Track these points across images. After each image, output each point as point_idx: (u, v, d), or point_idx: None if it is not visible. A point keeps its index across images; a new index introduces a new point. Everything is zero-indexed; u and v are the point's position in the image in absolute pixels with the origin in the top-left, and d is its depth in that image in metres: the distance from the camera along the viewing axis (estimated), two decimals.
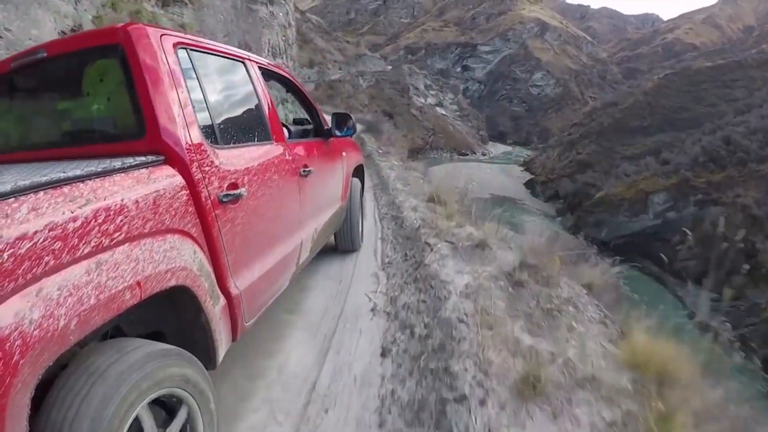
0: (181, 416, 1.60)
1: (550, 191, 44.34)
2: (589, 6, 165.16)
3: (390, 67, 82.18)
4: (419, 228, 5.38)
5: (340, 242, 4.68)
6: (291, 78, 3.58)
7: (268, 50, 17.29)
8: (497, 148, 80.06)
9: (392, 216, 6.49)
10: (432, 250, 4.57)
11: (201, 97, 2.09)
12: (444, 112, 74.03)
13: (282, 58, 20.87)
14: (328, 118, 3.90)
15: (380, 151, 15.68)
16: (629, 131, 43.66)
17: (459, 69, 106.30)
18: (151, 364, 1.44)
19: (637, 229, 31.07)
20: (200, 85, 2.11)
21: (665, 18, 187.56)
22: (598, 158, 42.48)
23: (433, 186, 8.28)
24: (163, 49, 1.90)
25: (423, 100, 71.77)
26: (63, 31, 4.83)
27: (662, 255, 22.02)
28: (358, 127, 28.71)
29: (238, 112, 2.58)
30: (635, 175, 34.45)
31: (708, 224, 26.19)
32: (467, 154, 66.84)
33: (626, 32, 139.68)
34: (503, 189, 47.47)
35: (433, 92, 76.25)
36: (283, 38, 22.60)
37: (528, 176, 52.51)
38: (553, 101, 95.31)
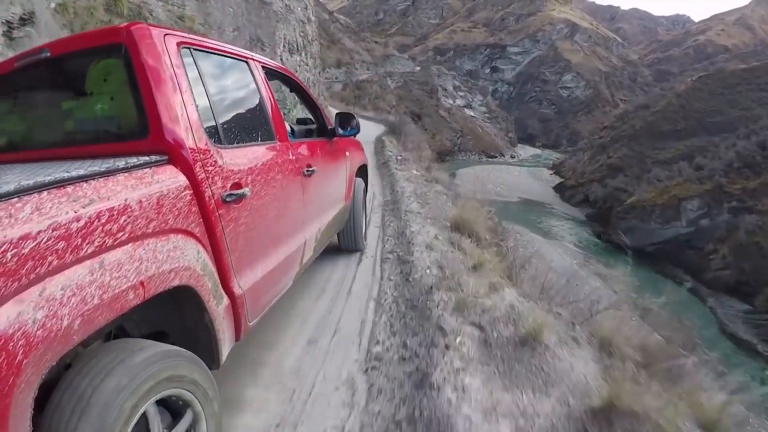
0: (186, 417, 1.60)
1: (579, 196, 43.49)
2: (619, 7, 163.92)
3: (418, 68, 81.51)
4: (432, 288, 3.65)
5: (342, 242, 4.67)
6: (294, 77, 3.58)
7: (284, 46, 16.84)
8: (526, 151, 79.10)
9: (398, 257, 4.68)
10: (448, 346, 2.83)
11: (204, 96, 2.09)
12: (472, 114, 73.40)
13: (300, 54, 20.31)
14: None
15: (399, 158, 14.09)
16: (661, 135, 41.99)
17: (488, 70, 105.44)
18: (155, 366, 1.43)
19: (669, 236, 30.40)
20: (204, 84, 2.11)
21: (696, 19, 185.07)
22: (630, 162, 41.14)
23: (458, 206, 6.96)
24: (166, 49, 1.90)
25: (451, 102, 71.20)
26: (8, 21, 4.08)
27: (694, 264, 21.84)
28: (380, 129, 24.29)
29: (242, 111, 2.58)
30: (667, 180, 33.63)
31: (742, 233, 26.02)
32: (495, 157, 66.29)
33: (657, 34, 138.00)
34: (532, 192, 47.37)
35: (461, 93, 75.59)
36: (302, 34, 21.49)
37: (557, 180, 51.61)
38: (583, 103, 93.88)
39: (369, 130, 26.03)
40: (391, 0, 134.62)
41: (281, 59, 16.46)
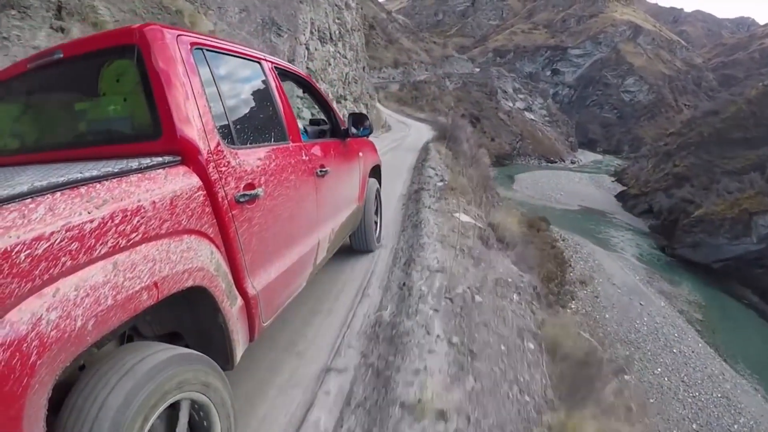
0: (200, 420, 1.60)
1: (642, 205, 41.65)
2: (682, 9, 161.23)
3: (477, 70, 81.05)
4: None
5: (354, 243, 4.66)
6: (307, 78, 3.58)
7: (311, 32, 14.13)
8: (586, 156, 77.83)
9: None
10: None
11: (217, 97, 2.08)
12: (532, 117, 72.70)
13: (335, 45, 17.38)
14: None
15: (441, 184, 8.84)
16: (731, 143, 38.84)
17: (548, 73, 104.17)
18: (170, 369, 1.43)
19: (738, 253, 28.79)
20: (216, 85, 2.11)
21: (761, 21, 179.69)
22: (697, 172, 38.39)
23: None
24: (179, 50, 1.89)
25: (511, 104, 70.66)
26: None
27: (764, 284, 21.68)
28: (432, 133, 21.43)
29: (255, 112, 2.58)
30: (738, 192, 31.69)
31: None
32: (555, 162, 65.52)
33: (721, 37, 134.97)
34: (593, 200, 46.36)
35: (521, 96, 75.04)
36: (338, 20, 18.71)
37: (619, 188, 50.08)
38: (646, 108, 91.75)
39: (419, 134, 23.56)
40: (451, 1, 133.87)
41: (307, 49, 14.21)
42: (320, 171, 3.01)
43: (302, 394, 2.64)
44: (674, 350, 20.18)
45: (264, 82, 2.67)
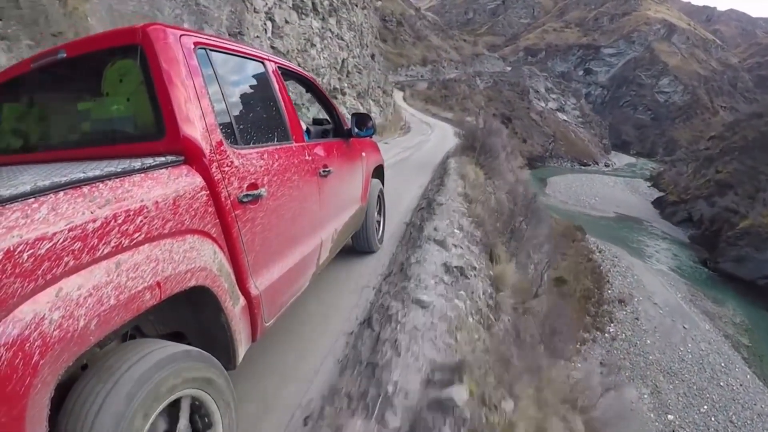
0: (201, 418, 1.60)
1: (681, 213, 39.10)
2: (715, 8, 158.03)
3: (509, 68, 79.93)
4: None
5: (356, 243, 4.65)
6: (310, 78, 3.57)
7: None
8: (620, 159, 75.89)
9: None
10: None
11: (220, 97, 2.08)
12: (565, 118, 71.70)
13: (322, 19, 13.62)
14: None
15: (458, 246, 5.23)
16: None
17: (581, 72, 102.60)
18: (172, 366, 1.43)
19: None
20: (219, 85, 2.11)
21: None
22: (741, 179, 35.66)
23: None
24: (182, 50, 1.89)
25: (543, 104, 69.74)
26: None
27: None
28: (455, 139, 17.77)
29: (258, 112, 2.57)
30: None
31: None
32: (588, 165, 64.09)
33: (755, 36, 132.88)
34: (629, 207, 44.14)
35: (554, 96, 74.03)
36: None
37: (656, 193, 47.92)
38: (681, 109, 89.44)
39: (442, 139, 20.63)
40: None
41: (270, 20, 10.32)
42: (323, 171, 3.01)
43: None
44: (721, 383, 18.63)
45: (267, 81, 2.67)
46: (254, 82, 2.61)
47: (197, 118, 1.84)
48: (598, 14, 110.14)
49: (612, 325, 21.32)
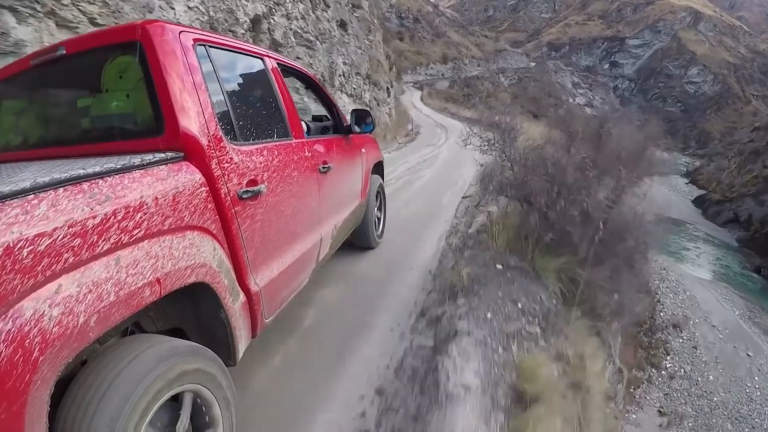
0: (202, 413, 1.60)
1: (727, 213, 34.96)
2: None
3: (533, 64, 78.26)
4: None
5: (355, 238, 4.65)
6: (309, 75, 3.57)
7: None
8: None
9: None
10: None
11: (220, 93, 2.08)
12: (594, 114, 70.79)
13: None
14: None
15: None
16: None
17: (606, 65, 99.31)
18: (171, 361, 1.44)
19: None
20: (219, 81, 2.11)
21: None
22: None
23: None
24: (181, 46, 1.89)
25: (571, 100, 67.50)
26: None
27: None
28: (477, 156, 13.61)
29: (257, 108, 2.57)
30: None
31: None
32: None
33: None
34: (668, 207, 34.83)
35: (581, 91, 72.13)
36: None
37: (695, 191, 43.94)
38: (712, 100, 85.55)
39: (457, 154, 13.42)
40: None
41: None
42: (323, 167, 3.01)
43: None
44: None
45: (266, 78, 2.67)
46: (253, 78, 2.61)
47: (196, 114, 1.84)
48: (620, 5, 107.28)
49: (668, 358, 17.50)
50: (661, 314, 21.05)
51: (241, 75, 2.50)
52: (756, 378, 16.29)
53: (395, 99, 20.94)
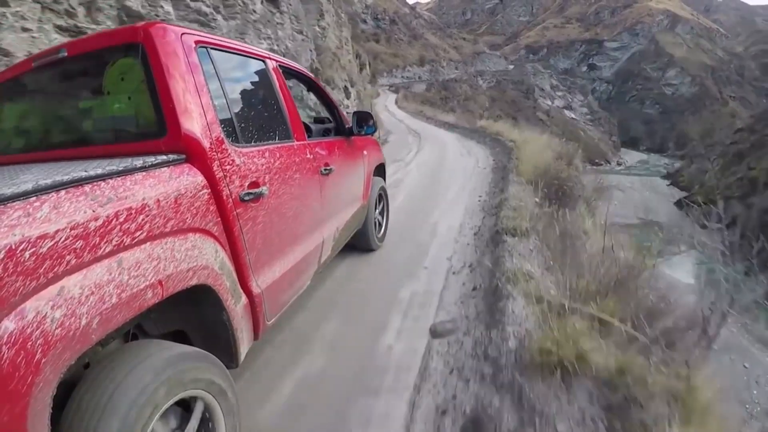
0: (206, 419, 1.60)
1: (712, 216, 32.04)
2: None
3: (512, 67, 77.82)
4: None
5: (357, 241, 4.64)
6: (311, 77, 3.58)
7: None
8: (631, 156, 71.71)
9: None
10: None
11: (222, 95, 2.09)
12: (573, 116, 69.31)
13: None
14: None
15: None
16: None
17: (584, 68, 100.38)
18: (174, 367, 1.43)
19: None
20: (221, 83, 2.11)
21: None
22: None
23: None
24: (183, 48, 1.90)
25: (550, 103, 67.36)
26: None
27: None
28: (468, 179, 8.29)
29: (259, 110, 2.57)
30: None
31: None
32: (600, 164, 60.03)
33: (755, 24, 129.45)
34: (651, 210, 37.42)
35: (560, 93, 71.80)
36: None
37: (677, 192, 42.84)
38: (689, 102, 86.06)
39: (436, 178, 9.36)
40: None
41: None
42: (324, 169, 3.01)
43: None
44: None
45: (268, 80, 2.67)
46: (255, 80, 2.61)
47: (198, 116, 1.85)
48: (598, 8, 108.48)
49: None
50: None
51: (242, 77, 2.51)
52: (754, 392, 14.82)
53: (359, 101, 16.92)
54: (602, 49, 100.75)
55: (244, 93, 2.49)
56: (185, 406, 1.53)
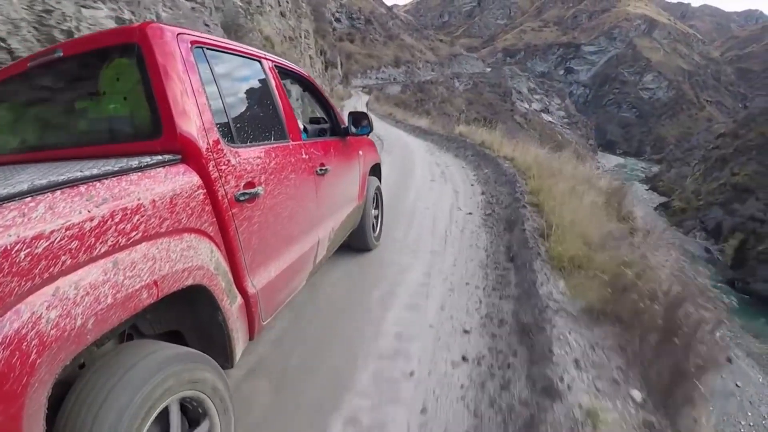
0: (200, 419, 1.60)
1: (692, 222, 33.01)
2: (689, 4, 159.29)
3: (489, 69, 77.03)
4: None
5: (353, 241, 4.64)
6: (307, 77, 3.58)
7: None
8: (608, 160, 69.56)
9: None
10: None
11: (217, 95, 2.09)
12: (551, 119, 68.52)
13: None
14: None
15: None
16: None
17: (561, 72, 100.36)
18: (170, 368, 1.44)
19: None
20: (216, 83, 2.11)
21: None
22: (763, 182, 29.89)
23: None
24: (179, 48, 1.90)
25: (527, 106, 66.40)
26: None
27: None
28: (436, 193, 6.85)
29: (255, 110, 2.58)
30: None
31: None
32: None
33: (730, 30, 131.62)
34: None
35: (537, 97, 71.15)
36: None
37: (656, 198, 42.27)
38: (666, 106, 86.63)
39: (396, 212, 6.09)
40: (456, 1, 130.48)
41: None
42: (320, 170, 3.01)
43: None
44: None
45: (264, 80, 2.67)
46: (251, 80, 2.61)
47: (194, 116, 1.85)
48: (576, 12, 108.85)
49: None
50: None
51: (238, 77, 2.51)
52: (749, 414, 13.18)
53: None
54: (579, 53, 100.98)
55: (239, 93, 2.49)
56: (181, 407, 1.53)
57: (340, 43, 54.29)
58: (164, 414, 1.44)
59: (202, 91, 1.94)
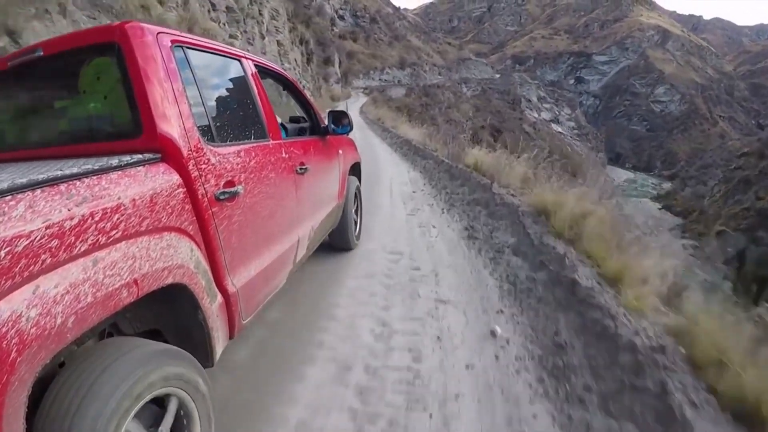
0: (180, 416, 1.61)
1: (712, 249, 25.49)
2: (701, 17, 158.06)
3: (498, 75, 75.17)
4: None
5: (333, 240, 4.67)
6: (287, 76, 3.59)
7: None
8: (617, 174, 66.04)
9: None
10: None
11: (197, 95, 2.09)
12: (560, 130, 66.38)
13: None
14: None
15: None
16: None
17: (572, 81, 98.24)
18: (150, 364, 1.44)
19: None
20: (196, 83, 2.11)
21: None
22: None
23: None
24: (159, 47, 1.90)
25: (536, 115, 64.49)
26: None
27: None
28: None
29: (235, 110, 2.58)
30: None
31: None
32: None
33: (742, 44, 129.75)
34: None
35: (547, 106, 69.50)
36: None
37: (669, 217, 37.38)
38: (678, 120, 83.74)
39: None
40: (466, 6, 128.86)
41: None
42: (300, 169, 3.02)
43: None
44: None
45: (244, 80, 2.68)
46: (231, 80, 2.61)
47: (174, 115, 1.85)
48: (588, 21, 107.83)
49: None
50: None
51: (218, 76, 2.51)
52: None
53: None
54: (590, 62, 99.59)
55: (219, 92, 2.50)
56: (160, 404, 1.54)
57: (340, 40, 52.91)
58: (144, 411, 1.45)
59: (182, 91, 1.95)
